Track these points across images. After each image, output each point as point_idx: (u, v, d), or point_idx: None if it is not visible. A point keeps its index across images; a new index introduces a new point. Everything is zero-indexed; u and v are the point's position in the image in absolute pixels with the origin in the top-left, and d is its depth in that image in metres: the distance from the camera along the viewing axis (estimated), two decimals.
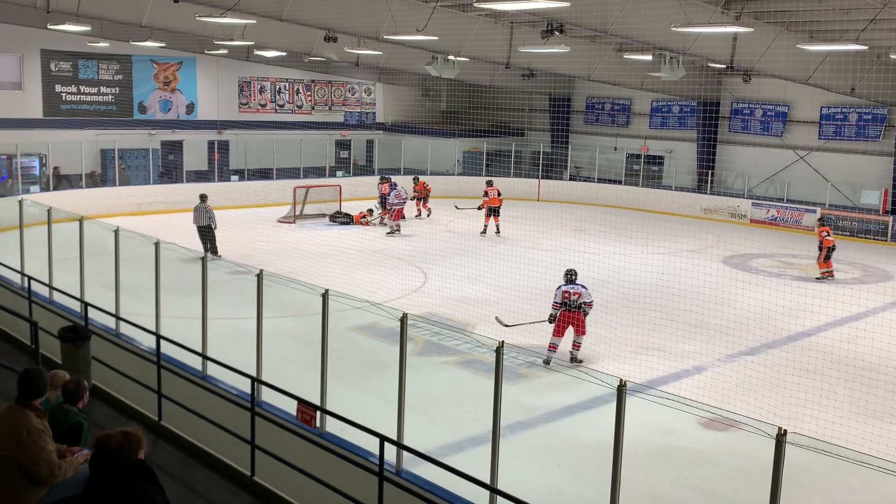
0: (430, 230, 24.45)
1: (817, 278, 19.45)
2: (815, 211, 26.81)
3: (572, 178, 33.57)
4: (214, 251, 19.23)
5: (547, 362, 12.37)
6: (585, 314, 12.60)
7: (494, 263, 18.87)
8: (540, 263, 18.45)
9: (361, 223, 25.32)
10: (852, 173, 27.65)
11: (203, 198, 19.98)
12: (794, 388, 11.57)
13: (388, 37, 20.70)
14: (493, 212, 24.22)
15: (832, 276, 19.52)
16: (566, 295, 12.50)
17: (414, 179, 27.81)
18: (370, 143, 36.90)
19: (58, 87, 29.76)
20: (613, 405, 5.66)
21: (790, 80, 24.16)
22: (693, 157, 31.66)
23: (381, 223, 25.13)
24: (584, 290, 12.56)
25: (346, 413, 7.14)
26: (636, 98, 33.48)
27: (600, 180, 32.68)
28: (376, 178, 30.94)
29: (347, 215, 25.84)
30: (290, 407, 7.68)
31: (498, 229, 24.22)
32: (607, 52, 26.82)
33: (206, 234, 19.55)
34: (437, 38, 20.05)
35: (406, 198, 24.45)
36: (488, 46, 23.96)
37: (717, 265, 20.70)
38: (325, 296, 7.58)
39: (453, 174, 33.99)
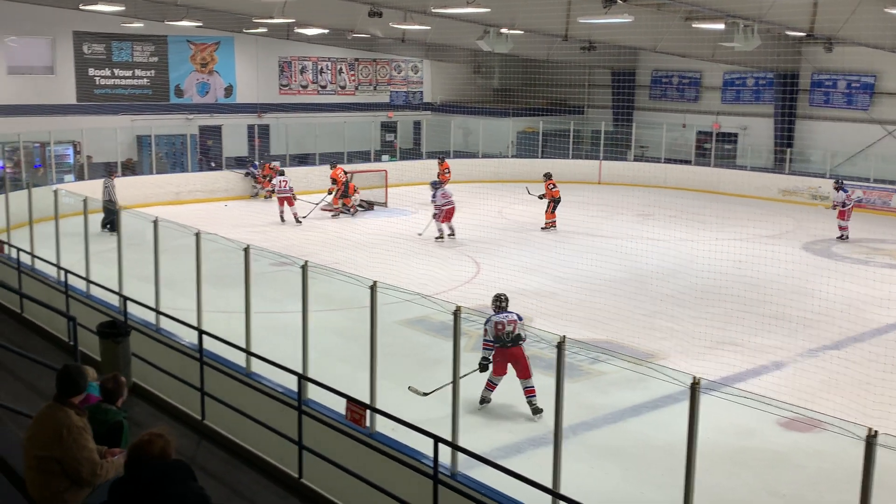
0: (481, 218, 24.42)
1: None
2: None
3: (637, 159, 33.21)
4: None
5: (484, 401, 10.83)
6: (523, 343, 10.82)
7: (553, 252, 18.80)
8: (603, 252, 18.33)
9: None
10: None
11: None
12: (884, 386, 11.32)
13: (437, 10, 20.70)
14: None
15: None
16: (499, 328, 10.58)
17: (331, 166, 26.16)
18: (417, 125, 36.97)
19: (91, 71, 30.40)
20: (685, 404, 5.61)
21: (877, 48, 23.52)
22: (769, 135, 31.06)
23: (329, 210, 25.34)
24: (518, 319, 10.76)
25: (396, 412, 7.19)
26: (706, 71, 32.94)
27: (668, 160, 32.27)
28: (426, 162, 31.10)
29: (369, 202, 26.34)
30: (338, 406, 7.77)
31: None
32: (675, 20, 26.41)
33: None
34: (489, 10, 19.99)
35: (452, 197, 22.46)
36: (544, 18, 23.77)
37: (797, 252, 20.33)
38: (373, 288, 7.64)
39: (507, 156, 33.88)
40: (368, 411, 7.48)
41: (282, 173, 24.86)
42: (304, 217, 24.20)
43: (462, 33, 27.35)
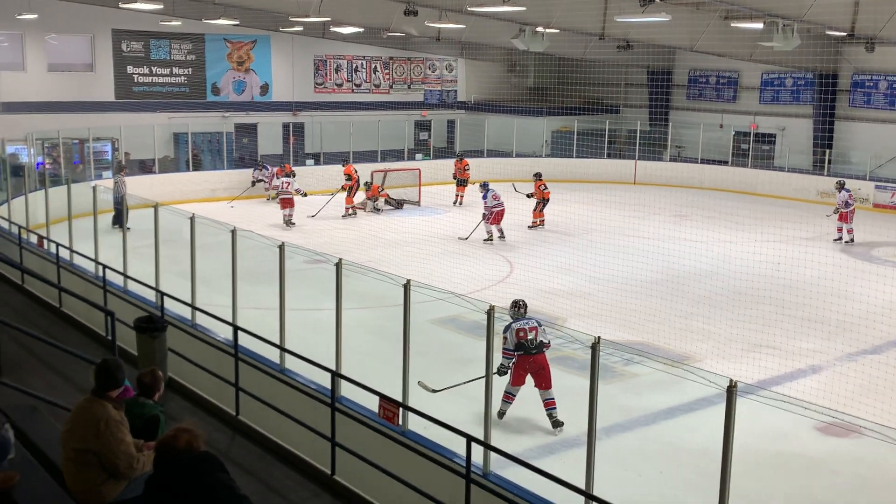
0: (514, 218, 24.40)
1: None
2: None
3: (673, 159, 32.96)
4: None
5: (501, 415, 10.38)
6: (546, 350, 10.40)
7: (587, 253, 18.72)
8: (638, 252, 18.24)
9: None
10: None
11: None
12: None
13: (473, 8, 20.69)
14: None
15: None
16: (521, 335, 10.15)
17: (343, 163, 26.37)
18: (451, 124, 37.00)
19: (129, 69, 30.80)
20: (720, 407, 5.56)
21: None
22: (808, 135, 30.66)
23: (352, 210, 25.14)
24: (538, 324, 10.31)
25: (428, 411, 7.21)
26: (744, 70, 32.61)
27: (704, 161, 31.97)
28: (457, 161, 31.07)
29: (398, 201, 26.36)
30: (371, 403, 7.80)
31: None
32: (713, 19, 26.16)
33: None
34: (524, 8, 19.95)
35: (502, 199, 22.02)
36: (581, 16, 23.68)
37: (835, 254, 20.06)
38: (406, 286, 7.65)
39: (541, 156, 33.78)
40: (401, 409, 7.50)
41: (288, 174, 24.10)
42: (313, 217, 24.09)
43: (497, 32, 27.34)
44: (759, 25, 22.41)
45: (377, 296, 12.80)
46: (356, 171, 25.37)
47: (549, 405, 10.27)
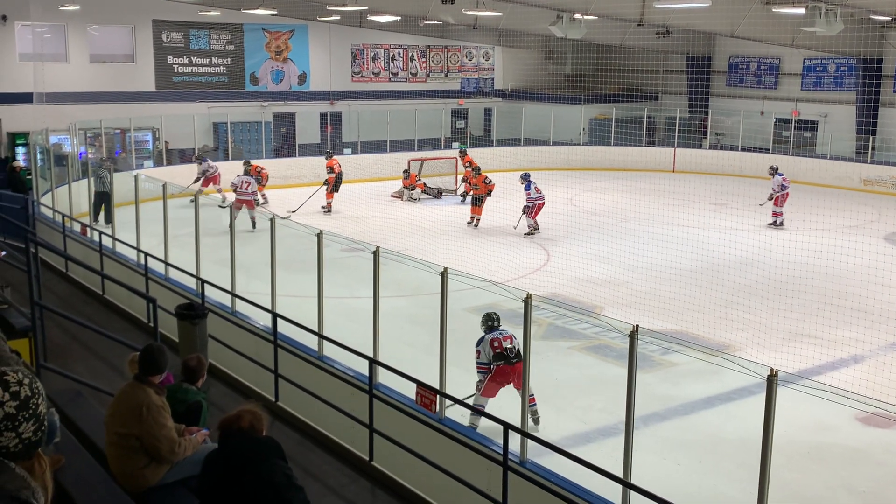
0: (551, 206, 24.30)
1: None
2: None
3: (713, 147, 32.58)
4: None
5: (474, 423, 9.11)
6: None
7: (624, 241, 18.59)
8: (676, 241, 18.06)
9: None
10: None
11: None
12: None
13: None
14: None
15: None
16: (497, 346, 9.62)
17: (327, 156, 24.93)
18: (488, 112, 36.89)
19: (170, 59, 31.10)
20: (759, 397, 5.51)
21: None
22: (851, 122, 30.12)
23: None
24: (511, 334, 9.78)
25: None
26: (786, 56, 32.10)
27: (745, 149, 31.57)
28: (496, 150, 31.00)
29: (439, 189, 26.25)
30: (408, 390, 7.84)
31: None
32: (753, 5, 25.78)
33: None
34: None
35: (542, 193, 21.23)
36: (619, 3, 23.47)
37: (878, 243, 19.72)
38: (443, 274, 7.67)
39: (578, 144, 33.58)
40: (438, 396, 7.53)
41: (247, 172, 22.01)
42: (294, 212, 21.99)
43: (534, 19, 27.16)
44: (802, 10, 22.02)
45: (414, 284, 12.87)
46: (339, 166, 24.09)
47: (531, 401, 9.48)
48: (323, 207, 23.47)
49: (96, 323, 10.58)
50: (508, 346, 9.59)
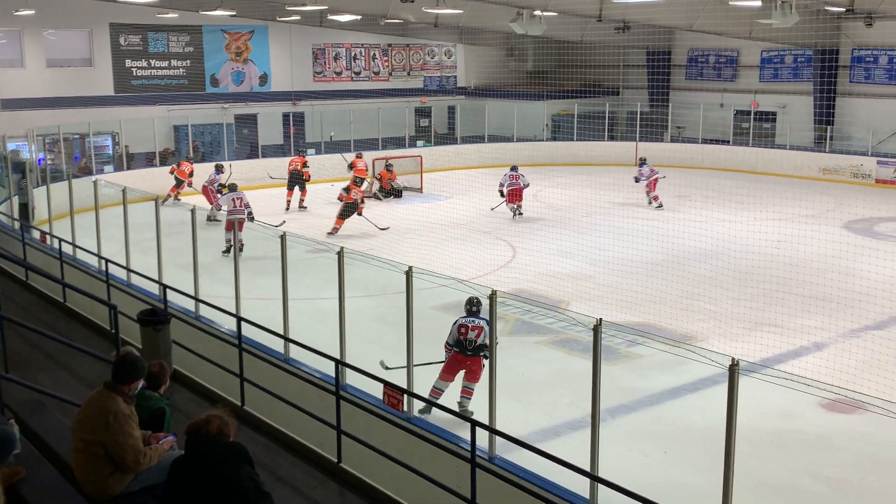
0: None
1: None
2: None
3: (673, 140, 32.86)
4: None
5: (425, 412, 9.21)
6: (485, 358, 9.71)
7: (589, 236, 18.71)
8: (640, 234, 18.23)
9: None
10: None
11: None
12: None
13: None
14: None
15: None
16: (462, 332, 9.80)
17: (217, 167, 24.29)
18: (451, 110, 36.91)
19: (128, 62, 30.75)
20: (724, 386, 5.56)
21: None
22: (809, 113, 30.55)
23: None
24: (486, 326, 9.62)
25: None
26: (744, 49, 32.47)
27: (705, 141, 31.89)
28: (460, 147, 31.01)
29: (398, 190, 26.19)
30: (376, 391, 7.81)
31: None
32: None
33: None
34: None
35: (519, 180, 22.69)
36: None
37: (838, 231, 20.01)
38: (408, 273, 7.65)
39: (542, 139, 33.70)
40: (405, 396, 7.51)
41: (234, 188, 19.75)
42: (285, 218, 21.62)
43: (495, 16, 27.23)
44: (758, 3, 22.30)
45: (380, 283, 12.84)
46: (301, 165, 24.48)
47: (466, 394, 9.90)
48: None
49: (58, 332, 10.41)
50: (472, 336, 9.75)
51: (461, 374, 10.02)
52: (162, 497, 5.03)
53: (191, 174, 24.64)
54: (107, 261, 12.02)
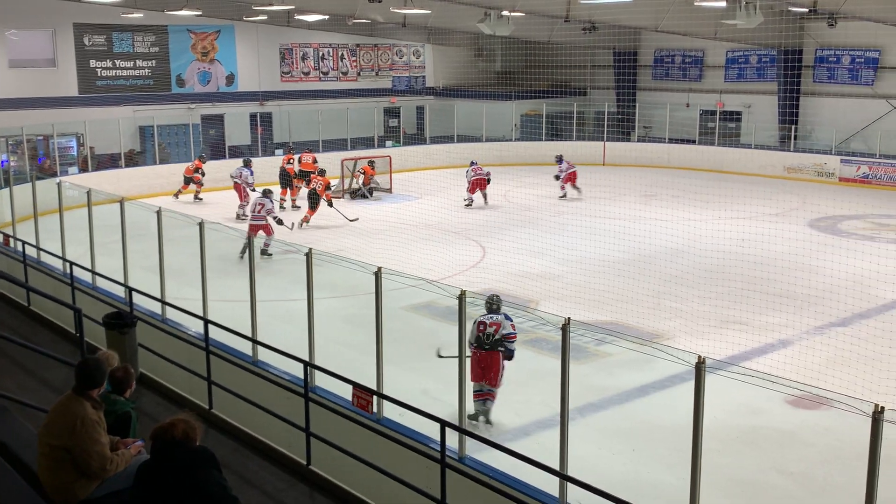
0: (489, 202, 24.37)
1: None
2: None
3: (641, 140, 33.11)
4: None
5: (474, 417, 9.82)
6: (507, 355, 9.95)
7: (558, 235, 18.78)
8: (608, 233, 18.32)
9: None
10: None
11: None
12: (891, 362, 11.31)
13: None
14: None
15: None
16: (481, 328, 9.89)
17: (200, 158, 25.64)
18: (420, 110, 36.87)
19: (92, 63, 30.37)
20: (692, 384, 5.60)
21: (881, 21, 23.37)
22: (774, 112, 30.92)
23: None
24: (505, 320, 9.94)
25: (403, 397, 7.20)
26: (709, 49, 32.78)
27: (671, 140, 32.16)
28: (429, 147, 31.03)
29: (370, 190, 26.20)
30: (345, 392, 7.78)
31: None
32: None
33: None
34: None
35: (483, 171, 24.33)
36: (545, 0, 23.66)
37: (802, 229, 20.27)
38: (377, 274, 7.63)
39: (510, 139, 33.79)
40: (375, 397, 7.49)
41: (266, 193, 18.65)
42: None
43: (463, 16, 27.25)
44: (723, 4, 22.54)
45: (350, 284, 12.76)
46: (288, 163, 25.11)
47: (481, 397, 9.96)
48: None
49: (22, 336, 10.27)
50: (490, 332, 9.84)
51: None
52: (128, 502, 4.98)
53: (196, 170, 24.99)
54: (72, 264, 11.86)
